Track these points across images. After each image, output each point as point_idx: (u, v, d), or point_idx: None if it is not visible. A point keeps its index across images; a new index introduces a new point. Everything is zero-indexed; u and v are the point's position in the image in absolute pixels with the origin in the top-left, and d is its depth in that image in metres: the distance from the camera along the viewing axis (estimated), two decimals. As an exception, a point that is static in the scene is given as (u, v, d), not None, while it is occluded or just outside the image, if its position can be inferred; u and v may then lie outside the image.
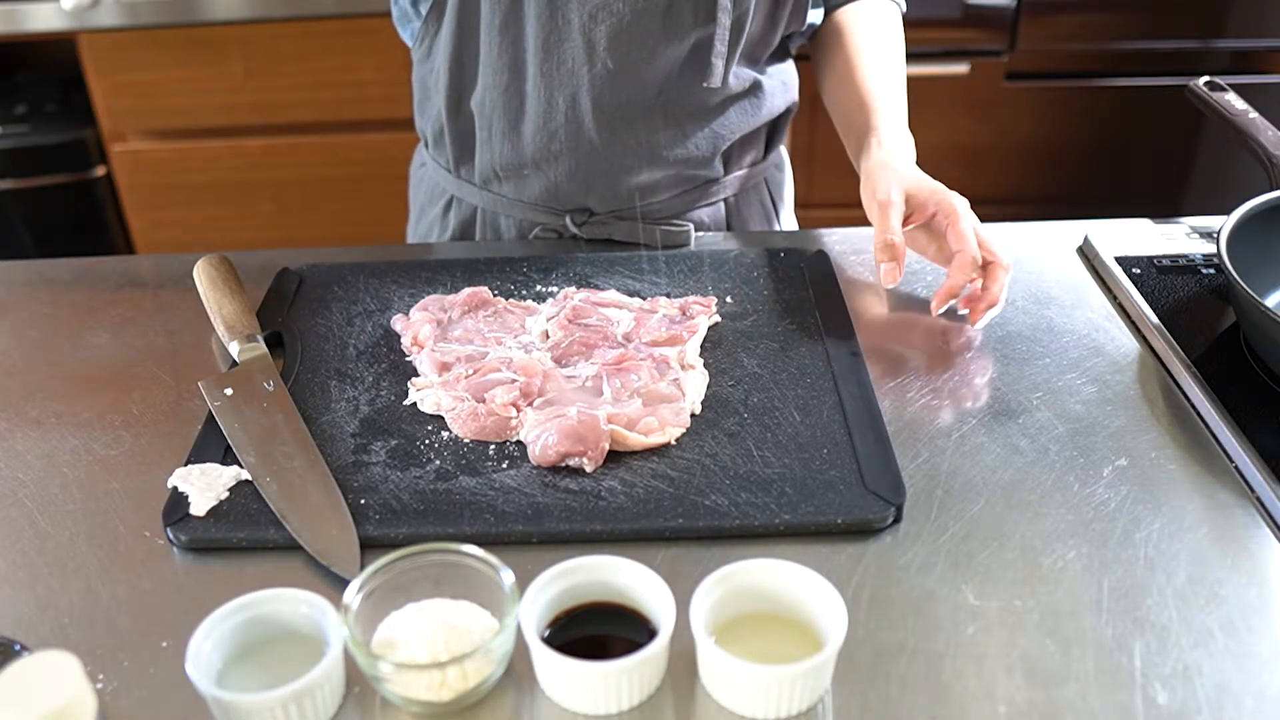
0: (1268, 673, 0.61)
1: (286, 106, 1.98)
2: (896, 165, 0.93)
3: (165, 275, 1.03)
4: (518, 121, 1.01)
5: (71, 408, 0.84)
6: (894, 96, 1.01)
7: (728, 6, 0.94)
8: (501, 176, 1.05)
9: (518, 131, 1.01)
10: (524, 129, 1.01)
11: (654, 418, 0.77)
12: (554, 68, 0.96)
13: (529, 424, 0.78)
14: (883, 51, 1.04)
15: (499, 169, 1.05)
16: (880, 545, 0.70)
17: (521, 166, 1.03)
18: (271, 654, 0.62)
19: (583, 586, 0.64)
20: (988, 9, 1.93)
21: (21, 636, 0.63)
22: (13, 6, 1.84)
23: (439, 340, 0.87)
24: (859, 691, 0.61)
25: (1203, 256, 1.00)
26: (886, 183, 0.91)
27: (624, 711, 0.60)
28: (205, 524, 0.71)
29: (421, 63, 1.06)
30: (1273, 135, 0.99)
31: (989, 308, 0.90)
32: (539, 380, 0.81)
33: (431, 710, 0.60)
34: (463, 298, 0.92)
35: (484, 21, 0.96)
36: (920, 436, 0.79)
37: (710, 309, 0.91)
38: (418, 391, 0.83)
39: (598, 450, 0.74)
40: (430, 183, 1.15)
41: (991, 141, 2.07)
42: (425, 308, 0.91)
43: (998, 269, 0.89)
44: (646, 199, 1.04)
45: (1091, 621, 0.64)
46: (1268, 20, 1.98)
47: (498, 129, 1.02)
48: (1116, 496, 0.73)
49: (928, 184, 0.92)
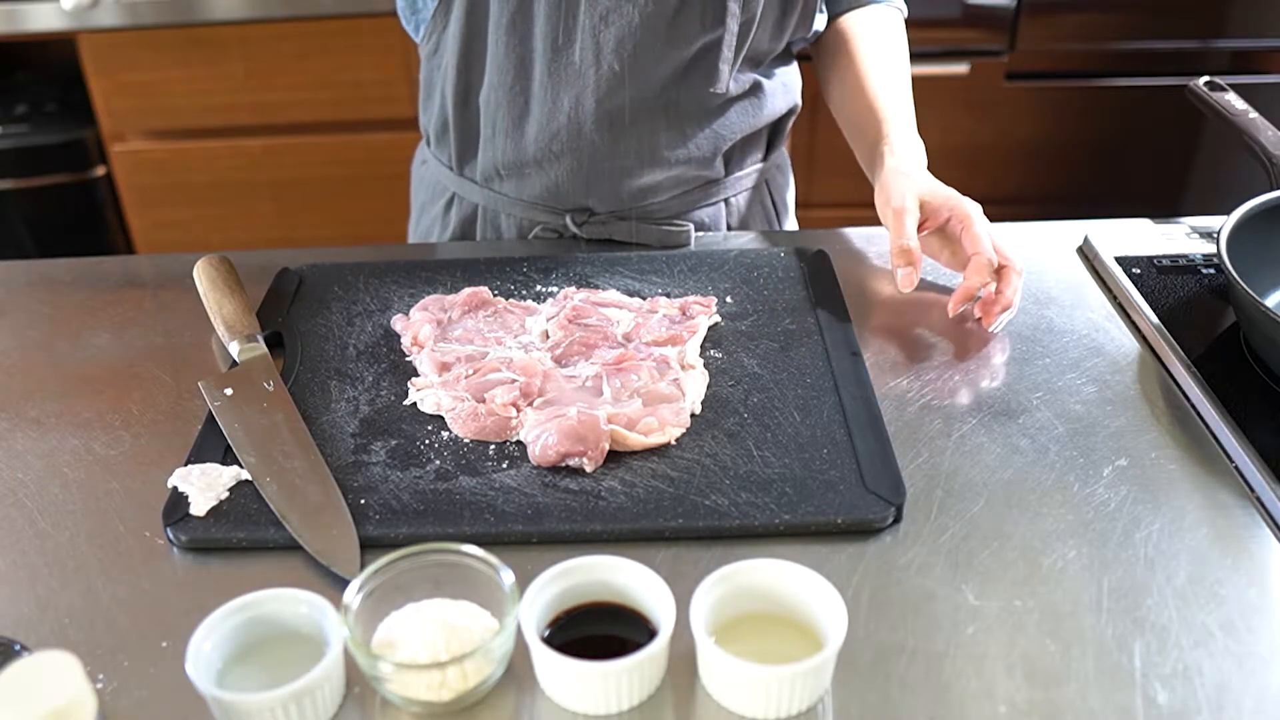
0: (1268, 673, 0.61)
1: (286, 106, 1.98)
2: (910, 172, 0.95)
3: (165, 275, 1.03)
4: (521, 120, 1.01)
5: (71, 408, 0.85)
6: (903, 104, 1.02)
7: (736, 12, 0.95)
8: (503, 175, 1.05)
9: (521, 130, 1.01)
10: (527, 128, 1.01)
11: (654, 418, 0.77)
12: (561, 68, 0.96)
13: (529, 424, 0.78)
14: (890, 59, 1.05)
15: (501, 167, 1.05)
16: (880, 545, 0.70)
17: (523, 165, 1.03)
18: (271, 654, 0.62)
19: (583, 586, 0.64)
20: (988, 9, 1.93)
21: (21, 636, 0.63)
22: (13, 6, 1.84)
23: (439, 340, 0.87)
24: (859, 691, 0.61)
25: (1203, 256, 1.00)
26: (901, 189, 0.92)
27: (624, 711, 0.60)
28: (205, 524, 0.71)
29: (429, 59, 1.06)
30: (1273, 135, 0.99)
31: (1003, 311, 0.91)
32: (539, 380, 0.81)
33: (431, 710, 0.60)
34: (462, 298, 0.92)
35: (492, 20, 0.97)
36: (920, 436, 0.79)
37: (710, 309, 0.91)
38: (418, 391, 0.83)
39: (598, 450, 0.74)
40: (431, 180, 1.15)
41: (991, 141, 2.07)
42: (425, 308, 0.91)
43: (1011, 272, 0.91)
44: (647, 199, 1.04)
45: (1091, 621, 0.64)
46: (1268, 20, 1.98)
47: (501, 127, 1.02)
48: (1116, 496, 0.73)
49: (941, 190, 0.94)
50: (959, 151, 2.08)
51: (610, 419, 0.76)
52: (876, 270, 1.00)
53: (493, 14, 0.96)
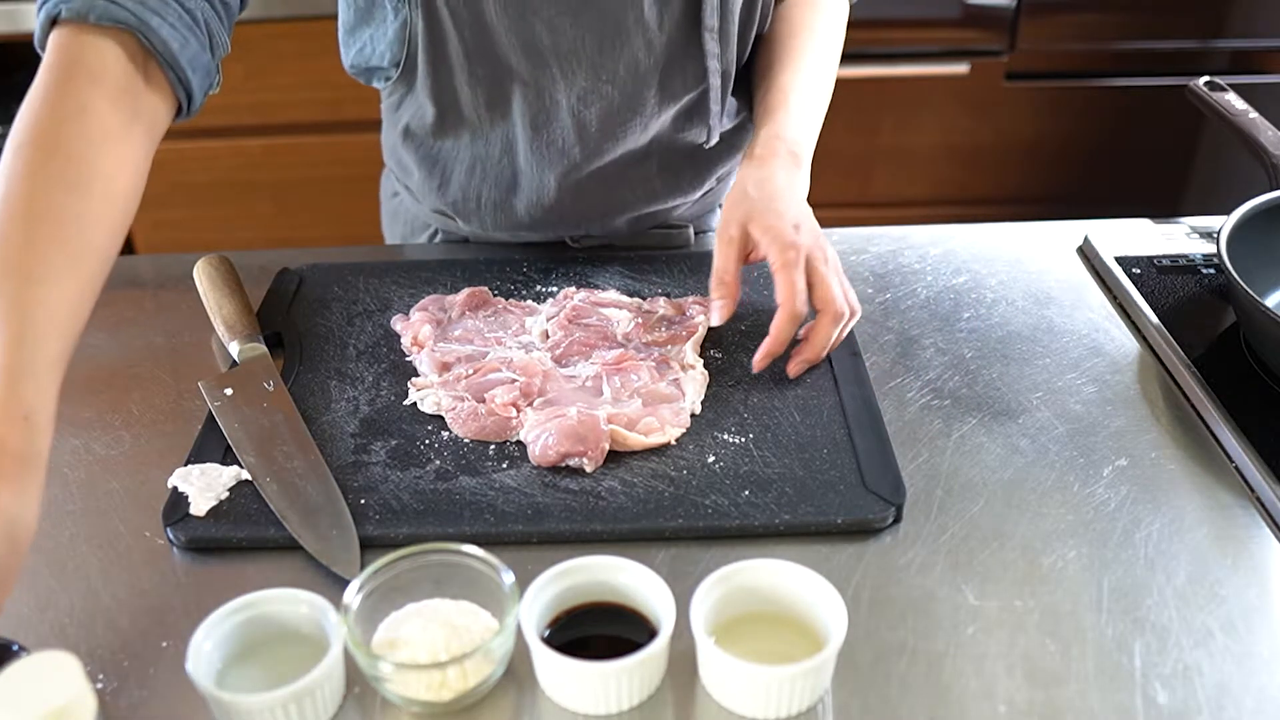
0: (1268, 673, 0.61)
1: (286, 106, 1.98)
2: (755, 192, 0.85)
3: (165, 275, 1.03)
4: (510, 193, 0.98)
5: (71, 408, 0.84)
6: (800, 93, 0.92)
7: (716, 68, 0.90)
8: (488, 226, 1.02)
9: (510, 203, 0.98)
10: (516, 202, 0.98)
11: (654, 418, 0.77)
12: (544, 146, 0.93)
13: (529, 424, 0.78)
14: (813, 47, 0.95)
15: (490, 229, 1.01)
16: (880, 545, 0.70)
17: (516, 229, 1.00)
18: (271, 654, 0.62)
19: (583, 586, 0.64)
20: (988, 9, 1.93)
21: (21, 637, 0.63)
22: (13, 6, 1.84)
23: (439, 340, 0.87)
24: (859, 691, 0.61)
25: (1203, 256, 1.00)
26: (729, 216, 0.85)
27: (624, 711, 0.60)
28: (205, 524, 0.71)
29: (390, 112, 1.00)
30: (1273, 135, 0.99)
31: (805, 361, 0.83)
32: (539, 380, 0.81)
33: (431, 710, 0.60)
34: (462, 298, 0.92)
35: (465, 101, 0.91)
36: (920, 436, 0.79)
37: (709, 309, 0.91)
38: (418, 391, 0.83)
39: (598, 450, 0.74)
40: (409, 215, 1.11)
41: (991, 141, 2.07)
42: (425, 308, 0.91)
43: (824, 319, 0.82)
44: (645, 225, 1.04)
45: (1091, 621, 0.64)
46: (1268, 20, 1.98)
47: (489, 199, 0.98)
48: (1116, 496, 0.73)
49: (774, 224, 0.83)
50: (959, 151, 2.07)
51: (610, 419, 0.76)
52: (877, 270, 1.00)
53: (464, 98, 0.91)
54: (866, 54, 1.94)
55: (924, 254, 1.02)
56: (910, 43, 1.95)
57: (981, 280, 0.98)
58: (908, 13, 1.99)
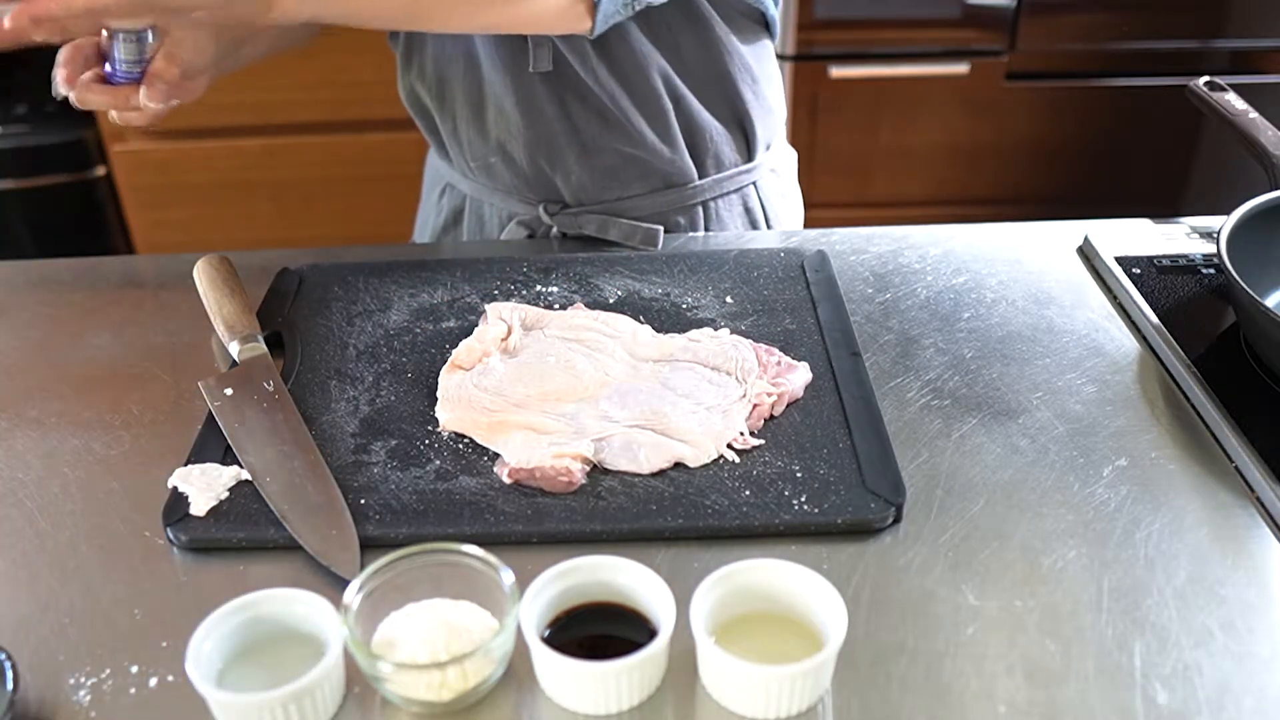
0: (1268, 673, 0.61)
1: (286, 106, 1.99)
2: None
3: (165, 275, 1.03)
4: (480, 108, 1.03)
5: (71, 408, 0.85)
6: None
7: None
8: (474, 168, 1.08)
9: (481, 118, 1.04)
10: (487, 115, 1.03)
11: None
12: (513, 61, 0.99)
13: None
14: None
15: (470, 160, 1.08)
16: (880, 545, 0.70)
17: (487, 154, 1.06)
18: (271, 654, 0.62)
19: (583, 586, 0.64)
20: (988, 9, 1.93)
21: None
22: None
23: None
24: (859, 691, 0.61)
25: (1203, 256, 1.00)
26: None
27: (624, 711, 0.60)
28: (205, 524, 0.71)
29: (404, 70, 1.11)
30: (1273, 135, 0.99)
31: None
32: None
33: (431, 710, 0.60)
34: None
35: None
36: (920, 436, 0.79)
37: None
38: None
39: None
40: (433, 168, 1.20)
41: (991, 141, 2.07)
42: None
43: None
44: (616, 194, 1.05)
45: (1091, 621, 0.64)
46: (1268, 20, 1.98)
47: (464, 115, 1.05)
48: (1116, 496, 0.74)
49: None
50: (959, 151, 2.08)
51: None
52: (877, 270, 1.00)
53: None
54: (866, 54, 1.95)
55: (924, 254, 1.02)
56: (910, 43, 1.95)
57: (981, 280, 0.98)
58: (908, 13, 1.99)
